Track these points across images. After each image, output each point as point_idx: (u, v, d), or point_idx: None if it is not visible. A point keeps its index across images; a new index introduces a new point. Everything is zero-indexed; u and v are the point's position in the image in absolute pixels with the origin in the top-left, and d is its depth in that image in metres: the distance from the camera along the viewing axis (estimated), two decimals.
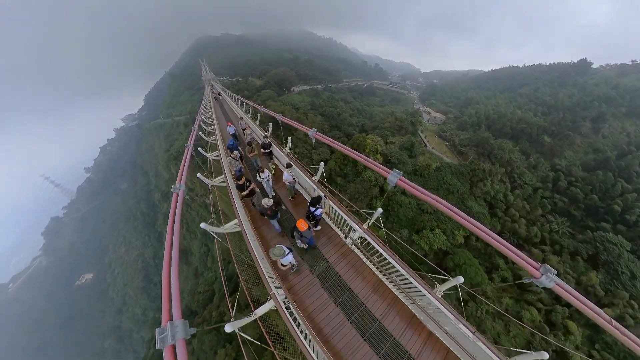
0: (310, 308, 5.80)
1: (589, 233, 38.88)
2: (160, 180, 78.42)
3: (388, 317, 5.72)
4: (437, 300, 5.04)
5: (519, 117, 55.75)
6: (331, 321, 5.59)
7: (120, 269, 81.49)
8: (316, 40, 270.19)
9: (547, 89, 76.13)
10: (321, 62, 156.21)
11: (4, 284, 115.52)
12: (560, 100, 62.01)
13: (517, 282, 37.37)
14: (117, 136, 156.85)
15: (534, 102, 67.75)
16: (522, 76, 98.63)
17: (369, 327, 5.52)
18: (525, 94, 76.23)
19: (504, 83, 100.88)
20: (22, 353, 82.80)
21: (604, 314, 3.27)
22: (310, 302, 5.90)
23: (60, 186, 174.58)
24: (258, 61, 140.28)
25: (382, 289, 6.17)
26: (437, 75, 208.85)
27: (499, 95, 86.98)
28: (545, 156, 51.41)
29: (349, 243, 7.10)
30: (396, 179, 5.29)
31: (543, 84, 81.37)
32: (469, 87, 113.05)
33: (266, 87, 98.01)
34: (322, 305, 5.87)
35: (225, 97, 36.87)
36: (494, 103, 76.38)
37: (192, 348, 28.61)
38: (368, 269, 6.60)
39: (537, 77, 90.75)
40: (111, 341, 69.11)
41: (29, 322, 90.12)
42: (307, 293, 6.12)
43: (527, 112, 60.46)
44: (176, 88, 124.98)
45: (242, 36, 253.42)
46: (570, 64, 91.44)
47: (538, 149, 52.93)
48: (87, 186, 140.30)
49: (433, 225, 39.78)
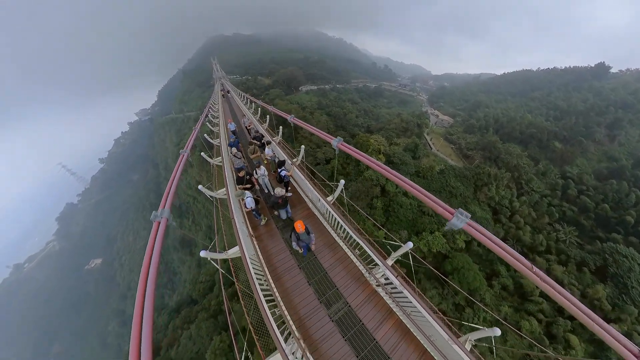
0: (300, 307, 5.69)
1: (598, 244, 36.93)
2: (170, 173, 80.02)
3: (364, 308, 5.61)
4: (386, 267, 5.31)
5: (529, 122, 53.53)
6: (306, 300, 5.62)
7: (127, 256, 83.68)
8: (326, 41, 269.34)
9: (560, 93, 72.74)
10: (330, 62, 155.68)
11: (20, 264, 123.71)
12: (574, 105, 59.08)
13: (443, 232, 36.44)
14: (131, 130, 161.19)
15: (545, 107, 64.86)
16: (535, 80, 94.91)
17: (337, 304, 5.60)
18: (537, 97, 73.07)
19: (516, 87, 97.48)
20: (31, 327, 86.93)
21: (524, 260, 3.02)
22: (298, 301, 5.79)
23: (76, 175, 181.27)
24: (268, 60, 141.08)
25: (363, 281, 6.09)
26: (449, 78, 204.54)
27: (510, 99, 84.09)
28: (555, 163, 49.16)
29: (371, 282, 6.24)
30: (336, 143, 5.83)
31: (557, 88, 77.76)
32: (479, 90, 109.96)
33: (274, 86, 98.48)
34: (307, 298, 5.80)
35: (234, 95, 37.03)
36: (504, 107, 73.81)
37: (189, 333, 29.32)
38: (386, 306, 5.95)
39: (550, 81, 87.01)
40: (115, 325, 71.01)
41: (39, 300, 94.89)
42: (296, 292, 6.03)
43: (538, 117, 57.90)
44: (188, 85, 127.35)
45: (253, 36, 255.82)
46: (587, 68, 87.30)
47: (548, 155, 50.70)
48: (101, 176, 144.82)
49: (433, 228, 38.80)
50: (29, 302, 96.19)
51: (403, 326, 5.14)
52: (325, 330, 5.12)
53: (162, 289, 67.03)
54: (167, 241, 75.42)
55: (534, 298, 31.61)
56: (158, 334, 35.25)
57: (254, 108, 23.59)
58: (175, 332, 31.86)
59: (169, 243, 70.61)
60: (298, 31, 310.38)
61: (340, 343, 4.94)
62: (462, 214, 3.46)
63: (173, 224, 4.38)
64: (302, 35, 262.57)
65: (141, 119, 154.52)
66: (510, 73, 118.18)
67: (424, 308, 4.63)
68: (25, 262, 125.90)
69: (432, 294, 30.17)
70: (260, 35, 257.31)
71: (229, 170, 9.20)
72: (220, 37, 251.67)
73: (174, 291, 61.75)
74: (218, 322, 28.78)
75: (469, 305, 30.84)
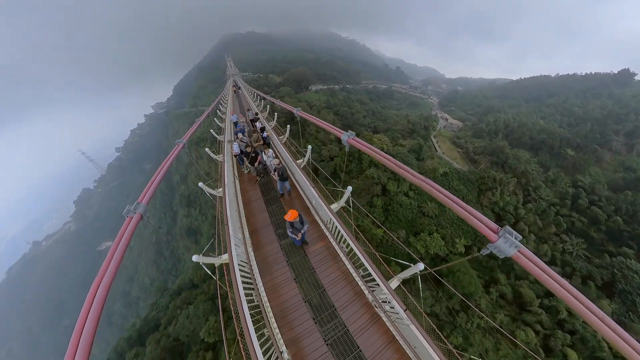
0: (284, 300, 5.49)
1: (607, 258, 34.82)
2: (181, 164, 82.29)
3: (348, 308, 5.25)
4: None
5: (541, 127, 50.98)
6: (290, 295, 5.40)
7: (136, 240, 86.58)
8: (339, 42, 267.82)
9: (578, 99, 68.88)
10: (341, 63, 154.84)
11: (39, 241, 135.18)
12: (590, 111, 55.71)
13: (474, 256, 34.68)
14: (147, 121, 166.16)
15: (560, 113, 61.52)
16: (552, 86, 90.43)
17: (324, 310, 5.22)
18: (553, 104, 69.44)
19: (532, 92, 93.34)
20: (44, 301, 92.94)
21: (591, 304, 2.15)
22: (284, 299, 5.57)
23: (94, 162, 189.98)
24: (280, 59, 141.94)
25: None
26: (463, 82, 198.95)
27: (523, 105, 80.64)
28: (567, 171, 46.62)
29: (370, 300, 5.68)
30: (346, 138, 5.07)
31: (574, 95, 73.71)
32: (492, 95, 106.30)
33: (285, 84, 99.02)
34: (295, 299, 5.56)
35: (244, 91, 37.19)
36: (516, 112, 70.81)
37: (188, 312, 30.50)
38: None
39: (569, 88, 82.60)
40: (120, 305, 73.69)
41: (54, 275, 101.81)
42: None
43: (551, 123, 54.91)
44: (202, 81, 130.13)
45: (267, 35, 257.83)
46: (609, 74, 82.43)
47: (559, 163, 48.17)
48: (116, 164, 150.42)
49: (432, 229, 37.80)
50: (45, 276, 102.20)
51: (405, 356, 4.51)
52: (319, 353, 4.57)
53: (166, 275, 69.05)
54: (175, 229, 77.79)
55: (533, 309, 30.15)
56: (159, 312, 37.18)
57: (262, 105, 23.94)
58: (175, 311, 33.09)
59: (176, 231, 72.51)
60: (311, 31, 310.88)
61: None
62: (512, 234, 2.43)
63: (149, 222, 3.75)
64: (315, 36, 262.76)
65: (156, 111, 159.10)
66: (526, 79, 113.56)
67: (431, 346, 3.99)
68: (43, 240, 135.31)
69: (425, 295, 29.33)
70: (274, 35, 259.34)
71: (228, 168, 8.81)
72: (235, 35, 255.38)
73: (177, 277, 63.40)
74: (215, 304, 29.62)
75: (463, 310, 29.82)
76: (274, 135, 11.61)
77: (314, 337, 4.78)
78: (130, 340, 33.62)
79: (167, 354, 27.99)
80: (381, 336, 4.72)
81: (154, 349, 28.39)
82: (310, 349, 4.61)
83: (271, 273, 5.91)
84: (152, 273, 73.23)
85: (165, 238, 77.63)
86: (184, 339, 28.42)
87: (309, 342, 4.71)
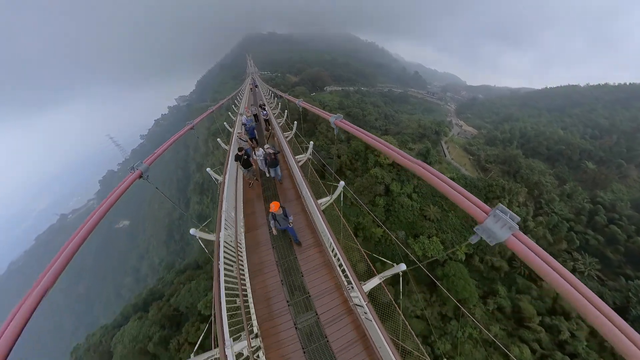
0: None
1: (622, 280, 31.87)
2: (197, 153, 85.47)
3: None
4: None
5: (559, 137, 47.35)
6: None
7: (150, 221, 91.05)
8: (358, 44, 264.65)
9: (605, 111, 63.27)
10: (358, 64, 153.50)
11: (65, 214, 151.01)
12: (618, 123, 50.96)
13: (464, 245, 31.99)
14: (170, 113, 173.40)
15: (583, 123, 56.83)
16: (579, 95, 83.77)
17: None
18: (576, 114, 64.19)
19: (556, 102, 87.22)
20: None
21: (602, 303, 1.42)
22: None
23: (120, 146, 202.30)
24: (297, 59, 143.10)
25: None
26: (485, 90, 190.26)
27: (545, 114, 75.56)
28: (586, 185, 43.04)
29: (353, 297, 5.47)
30: (334, 119, 4.74)
31: (602, 106, 67.81)
32: (513, 103, 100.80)
33: (300, 84, 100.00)
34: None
35: (261, 89, 37.51)
36: (535, 121, 66.43)
37: (189, 287, 32.34)
38: None
39: (597, 98, 75.98)
40: (130, 279, 77.76)
41: None
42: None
43: (572, 134, 50.68)
44: (224, 77, 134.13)
45: (287, 36, 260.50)
46: None
47: (578, 176, 44.58)
48: (140, 150, 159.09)
49: (432, 233, 36.52)
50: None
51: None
52: (287, 335, 4.62)
53: (174, 256, 71.74)
54: (187, 215, 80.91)
55: (532, 325, 28.19)
56: (164, 286, 39.60)
57: (275, 102, 24.54)
58: (178, 286, 35.13)
59: (188, 217, 75.41)
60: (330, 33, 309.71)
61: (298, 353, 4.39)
62: (506, 213, 1.74)
63: (148, 181, 3.83)
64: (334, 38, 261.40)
65: (179, 104, 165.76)
66: (552, 88, 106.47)
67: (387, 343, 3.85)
68: (69, 214, 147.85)
69: (417, 298, 28.31)
70: (294, 36, 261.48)
71: (231, 159, 8.91)
72: (256, 35, 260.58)
73: (184, 259, 65.72)
74: None
75: (455, 318, 28.45)
76: (278, 129, 11.83)
77: (284, 318, 4.86)
78: (136, 307, 35.93)
79: (166, 321, 30.00)
80: (352, 331, 4.58)
81: (155, 313, 30.41)
82: (280, 329, 4.69)
83: (258, 253, 6.18)
84: (162, 254, 76.58)
85: (177, 222, 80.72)
86: (183, 309, 30.12)
87: (280, 321, 4.81)
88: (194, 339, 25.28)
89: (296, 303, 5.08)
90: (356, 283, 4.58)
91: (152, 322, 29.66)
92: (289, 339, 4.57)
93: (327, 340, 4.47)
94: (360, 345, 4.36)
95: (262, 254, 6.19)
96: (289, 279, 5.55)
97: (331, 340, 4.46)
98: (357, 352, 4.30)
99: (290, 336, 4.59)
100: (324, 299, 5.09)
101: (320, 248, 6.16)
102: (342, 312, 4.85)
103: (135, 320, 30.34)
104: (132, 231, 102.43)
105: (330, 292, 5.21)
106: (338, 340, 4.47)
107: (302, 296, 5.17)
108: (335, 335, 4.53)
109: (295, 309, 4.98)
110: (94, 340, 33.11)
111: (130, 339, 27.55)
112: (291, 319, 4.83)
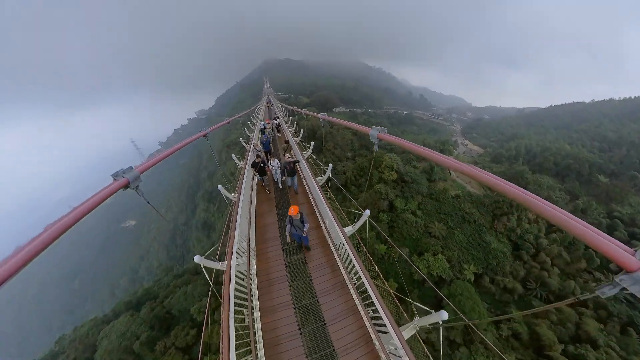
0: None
1: None
2: (211, 162, 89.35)
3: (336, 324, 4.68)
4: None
5: (566, 152, 46.11)
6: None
7: (155, 224, 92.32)
8: (366, 70, 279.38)
9: (612, 125, 61.36)
10: (365, 89, 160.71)
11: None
12: (626, 136, 49.07)
13: (584, 298, 24.00)
14: (189, 124, 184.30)
15: (590, 138, 55.19)
16: (585, 112, 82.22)
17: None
18: (583, 129, 62.63)
19: (562, 120, 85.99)
20: (64, 261, 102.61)
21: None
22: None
23: (139, 150, 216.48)
24: (310, 84, 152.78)
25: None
26: (491, 111, 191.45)
27: (551, 131, 74.35)
28: (600, 199, 40.78)
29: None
30: (376, 132, 3.96)
31: (609, 120, 65.97)
32: (518, 123, 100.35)
33: (311, 105, 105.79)
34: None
35: (276, 108, 39.89)
36: (541, 138, 65.36)
37: (185, 290, 32.27)
38: None
39: (604, 114, 74.33)
40: (126, 280, 77.23)
41: (79, 237, 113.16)
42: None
43: (579, 148, 49.20)
44: (243, 96, 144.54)
45: (301, 62, 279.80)
46: None
47: (590, 191, 42.52)
48: (155, 155, 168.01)
49: (438, 250, 35.25)
50: (73, 237, 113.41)
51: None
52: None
53: (174, 262, 71.54)
54: (192, 222, 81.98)
55: (554, 355, 25.44)
56: (160, 288, 39.20)
57: (290, 121, 25.35)
58: (174, 288, 34.95)
59: (193, 223, 76.39)
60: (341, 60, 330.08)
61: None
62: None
63: (138, 193, 3.02)
64: (344, 65, 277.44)
65: (199, 117, 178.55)
66: (557, 106, 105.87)
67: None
68: None
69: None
70: (307, 62, 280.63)
71: (247, 177, 8.77)
72: (274, 60, 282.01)
73: (183, 266, 65.51)
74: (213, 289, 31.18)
75: (464, 344, 26.29)
76: (297, 149, 11.77)
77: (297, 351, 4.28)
78: (129, 305, 35.37)
79: (156, 322, 29.55)
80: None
81: (147, 312, 30.08)
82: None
83: (270, 293, 5.31)
84: (161, 257, 76.47)
85: (181, 228, 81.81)
86: (175, 312, 29.88)
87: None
88: (181, 343, 24.86)
89: (315, 348, 4.24)
90: (397, 333, 3.80)
91: (143, 321, 29.32)
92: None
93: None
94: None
95: (275, 294, 5.30)
96: (307, 326, 4.66)
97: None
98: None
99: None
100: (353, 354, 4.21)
101: (345, 289, 5.19)
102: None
103: (127, 317, 30.02)
104: (137, 231, 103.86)
105: (359, 345, 4.33)
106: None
107: (325, 350, 4.30)
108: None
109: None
110: (81, 332, 32.48)
111: (118, 335, 27.22)
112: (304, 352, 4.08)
